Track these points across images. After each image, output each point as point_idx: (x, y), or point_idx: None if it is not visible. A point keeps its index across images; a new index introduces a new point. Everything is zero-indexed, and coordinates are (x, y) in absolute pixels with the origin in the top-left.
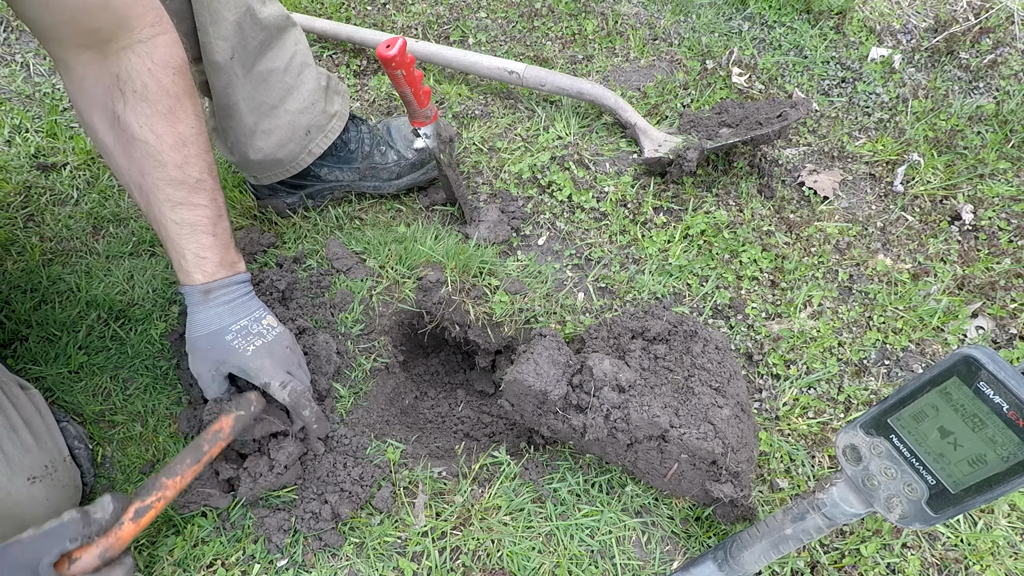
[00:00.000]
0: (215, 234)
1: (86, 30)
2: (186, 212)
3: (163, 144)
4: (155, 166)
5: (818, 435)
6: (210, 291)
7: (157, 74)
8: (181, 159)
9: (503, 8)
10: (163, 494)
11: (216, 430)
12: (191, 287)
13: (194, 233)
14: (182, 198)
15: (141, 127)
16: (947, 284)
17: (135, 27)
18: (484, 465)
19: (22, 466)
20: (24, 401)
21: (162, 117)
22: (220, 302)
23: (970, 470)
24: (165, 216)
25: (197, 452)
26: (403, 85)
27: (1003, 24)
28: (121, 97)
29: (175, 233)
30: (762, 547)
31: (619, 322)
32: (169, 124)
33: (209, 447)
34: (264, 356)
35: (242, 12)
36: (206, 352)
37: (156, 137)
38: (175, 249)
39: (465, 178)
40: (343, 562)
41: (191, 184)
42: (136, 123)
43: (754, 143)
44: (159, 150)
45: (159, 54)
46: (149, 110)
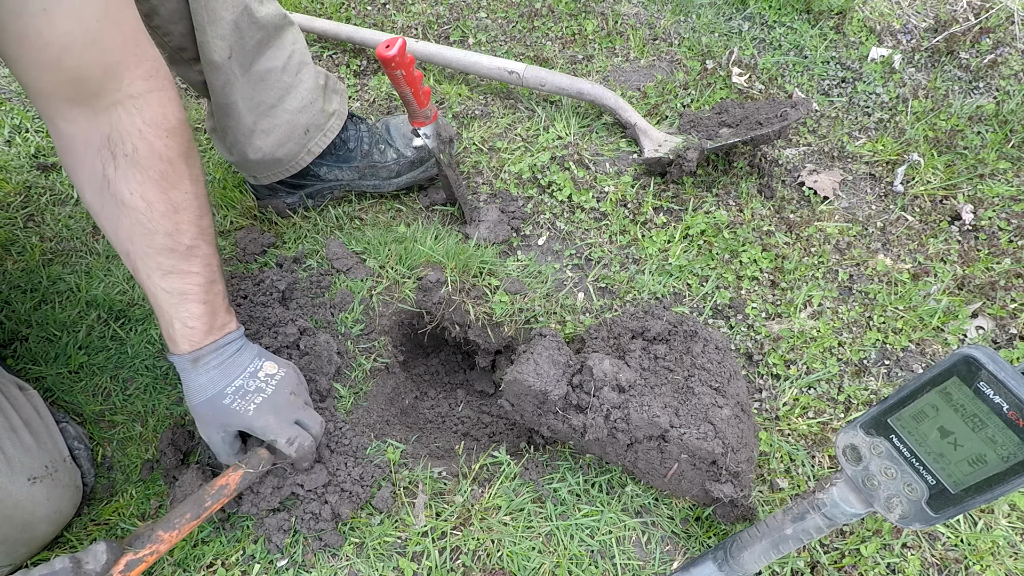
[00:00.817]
0: (206, 301)
1: (72, 77)
2: (176, 281)
3: (154, 212)
4: (144, 234)
5: (818, 435)
6: (198, 359)
7: (148, 136)
8: (173, 227)
9: (503, 8)
10: (157, 547)
11: (222, 484)
12: (179, 357)
13: (184, 302)
14: (172, 266)
15: (132, 194)
16: (947, 284)
17: (126, 77)
18: (484, 465)
19: (22, 467)
20: (23, 402)
21: (154, 184)
22: (210, 367)
23: (970, 470)
24: (155, 284)
25: (198, 507)
26: (403, 85)
27: (1003, 24)
28: (112, 160)
29: (164, 302)
30: (762, 547)
31: (619, 322)
32: (161, 191)
33: (212, 503)
34: (267, 413)
35: (239, 11)
36: (209, 417)
37: (147, 204)
38: (164, 317)
39: (465, 178)
40: (343, 562)
41: (182, 252)
42: (127, 189)
43: (754, 143)
44: (150, 218)
45: (151, 112)
46: (140, 176)
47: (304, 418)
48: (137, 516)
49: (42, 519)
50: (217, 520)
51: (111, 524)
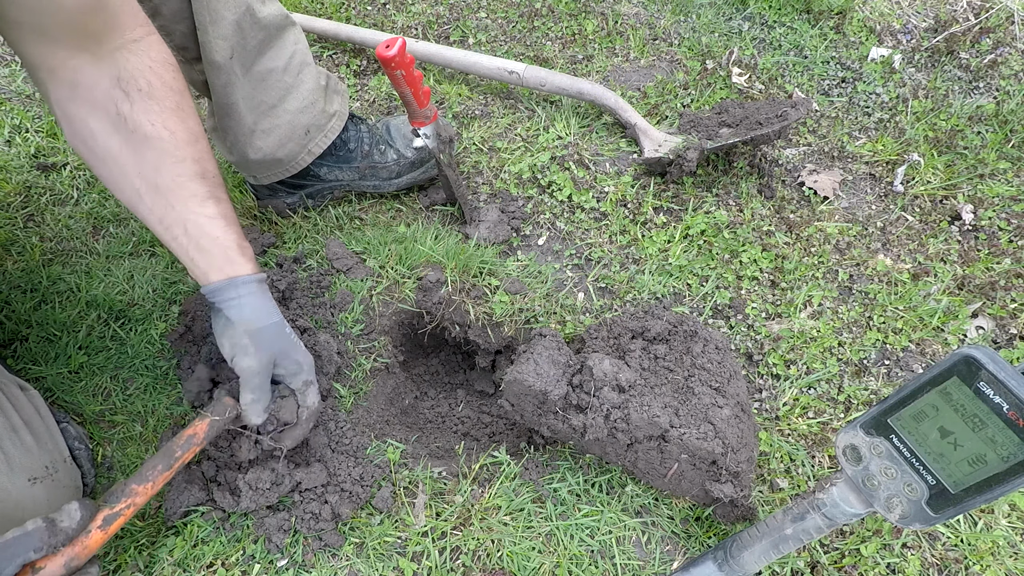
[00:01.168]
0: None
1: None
2: (215, 206)
3: (178, 139)
4: (175, 162)
5: (818, 435)
6: (263, 280)
7: (159, 71)
8: (198, 153)
9: (503, 8)
10: (133, 500)
11: (190, 435)
12: (247, 276)
13: (231, 224)
14: (208, 192)
15: (153, 124)
16: (947, 284)
17: (126, 26)
18: (484, 465)
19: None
20: (24, 402)
21: (172, 113)
22: (269, 295)
23: (970, 470)
24: (194, 212)
25: (169, 458)
26: (403, 85)
27: (1003, 24)
28: (126, 98)
29: (212, 227)
30: (762, 547)
31: (619, 322)
32: (180, 120)
33: (182, 453)
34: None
35: (241, 11)
36: (272, 342)
37: (170, 133)
38: (218, 243)
39: (465, 178)
40: (343, 562)
41: (211, 179)
42: (148, 121)
43: (754, 143)
44: (176, 145)
45: (155, 52)
46: (158, 107)
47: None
48: (138, 516)
49: None
50: (217, 520)
51: None
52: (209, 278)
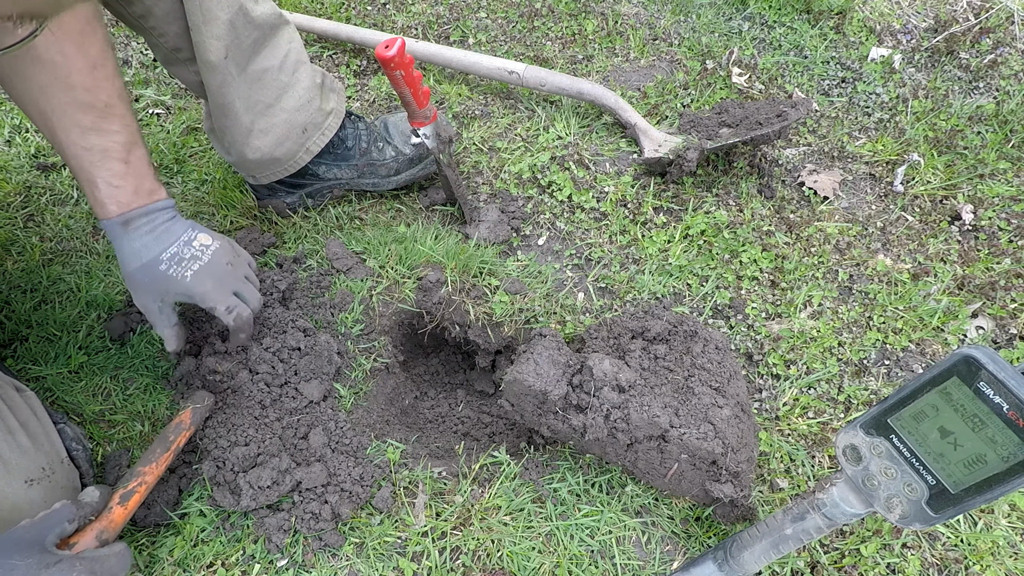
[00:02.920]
0: (128, 161)
1: None
2: (95, 138)
3: (72, 67)
4: (62, 89)
5: (818, 435)
6: (128, 222)
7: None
8: (91, 82)
9: (503, 8)
10: (144, 479)
11: (178, 422)
12: (108, 222)
13: (105, 160)
14: (91, 123)
15: (47, 48)
16: (947, 284)
17: None
18: (484, 465)
19: (19, 469)
20: (20, 403)
21: (71, 39)
22: (142, 232)
23: (970, 470)
24: (74, 143)
25: (165, 442)
26: (402, 86)
27: (1003, 24)
28: None
29: (86, 161)
30: (762, 547)
31: (619, 322)
32: (78, 46)
33: (175, 437)
34: (205, 280)
35: (235, 11)
36: (146, 284)
37: (64, 59)
38: (87, 179)
39: (465, 178)
40: (343, 562)
41: (100, 108)
42: (42, 43)
43: (754, 143)
44: (67, 73)
45: None
46: (58, 31)
47: (242, 290)
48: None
49: None
50: (217, 520)
51: None
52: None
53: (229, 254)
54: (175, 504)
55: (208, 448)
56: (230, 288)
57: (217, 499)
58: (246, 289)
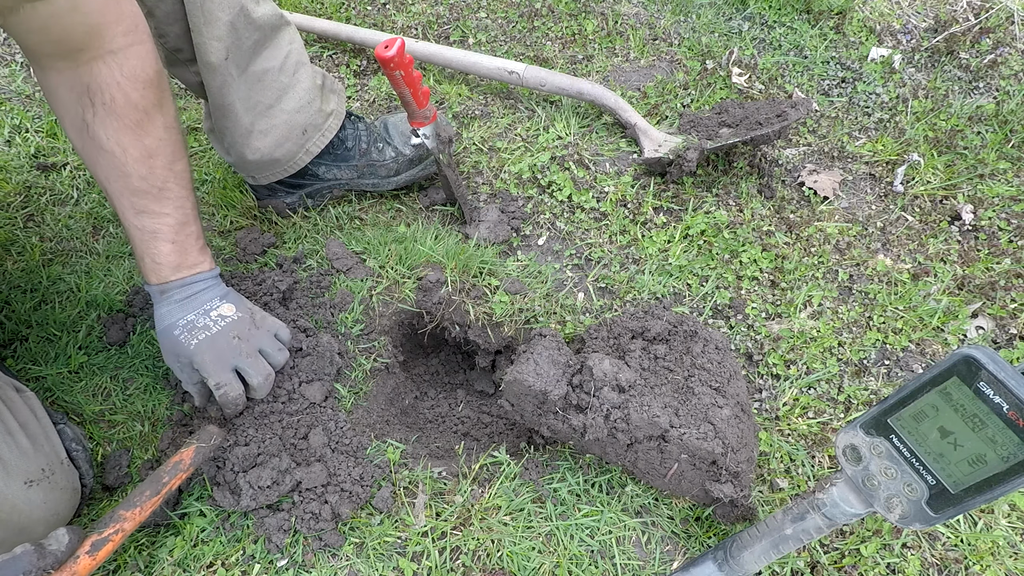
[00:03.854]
0: (175, 241)
1: (57, 38)
2: (147, 220)
3: (128, 157)
4: (119, 176)
5: (818, 435)
6: (164, 291)
7: (125, 88)
8: (146, 171)
9: (503, 8)
10: (121, 527)
11: (176, 461)
12: (149, 287)
13: (154, 240)
14: (144, 206)
15: (108, 139)
16: (947, 284)
17: (107, 36)
18: (484, 465)
19: (19, 470)
20: (20, 404)
21: (129, 131)
22: (173, 300)
23: (970, 470)
24: (129, 221)
25: (156, 484)
26: (402, 86)
27: (1003, 24)
28: (91, 107)
29: (136, 238)
30: (762, 547)
31: (619, 322)
32: (136, 137)
33: (169, 478)
34: (206, 351)
35: (236, 12)
36: (165, 347)
37: (122, 150)
38: (137, 251)
39: (465, 178)
40: (343, 562)
41: (154, 194)
42: (103, 135)
43: (754, 143)
44: (124, 162)
45: (130, 66)
46: (117, 123)
47: (246, 366)
48: None
49: (39, 522)
50: (217, 520)
51: None
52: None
53: (242, 328)
54: (175, 504)
55: None
56: (229, 363)
57: (217, 499)
58: (252, 364)
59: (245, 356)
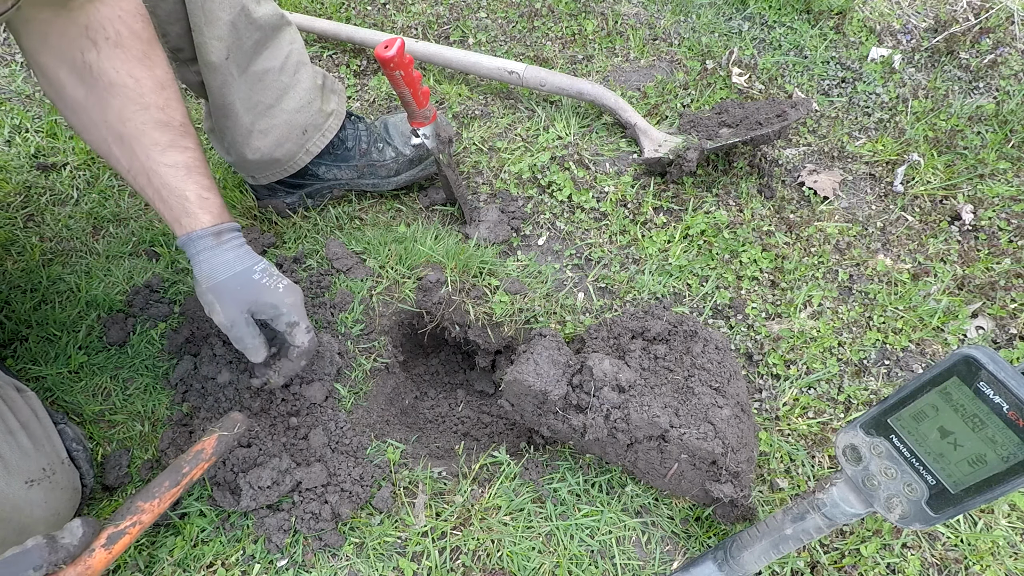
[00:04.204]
0: (209, 176)
1: None
2: (178, 154)
3: (143, 87)
4: (138, 110)
5: (818, 435)
6: (221, 232)
7: (128, 21)
8: (163, 101)
9: (503, 8)
10: (139, 518)
11: (198, 450)
12: (201, 231)
13: (192, 174)
14: (171, 140)
15: (118, 72)
16: (947, 284)
17: None
18: (484, 465)
19: (20, 470)
20: (21, 404)
21: (138, 62)
22: (234, 244)
23: (970, 470)
24: (155, 161)
25: (176, 474)
26: (401, 86)
27: (1003, 24)
28: (93, 47)
29: (171, 177)
30: (762, 547)
31: (619, 322)
32: (146, 68)
33: (190, 468)
34: (294, 294)
35: (237, 12)
36: (236, 293)
37: (135, 81)
38: (174, 193)
39: (465, 178)
40: (343, 562)
41: (176, 127)
42: (112, 69)
43: (754, 143)
44: (140, 93)
45: (124, 3)
46: (124, 55)
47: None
48: None
49: (39, 521)
50: (217, 520)
51: None
52: (175, 232)
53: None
54: (175, 504)
55: None
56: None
57: (217, 499)
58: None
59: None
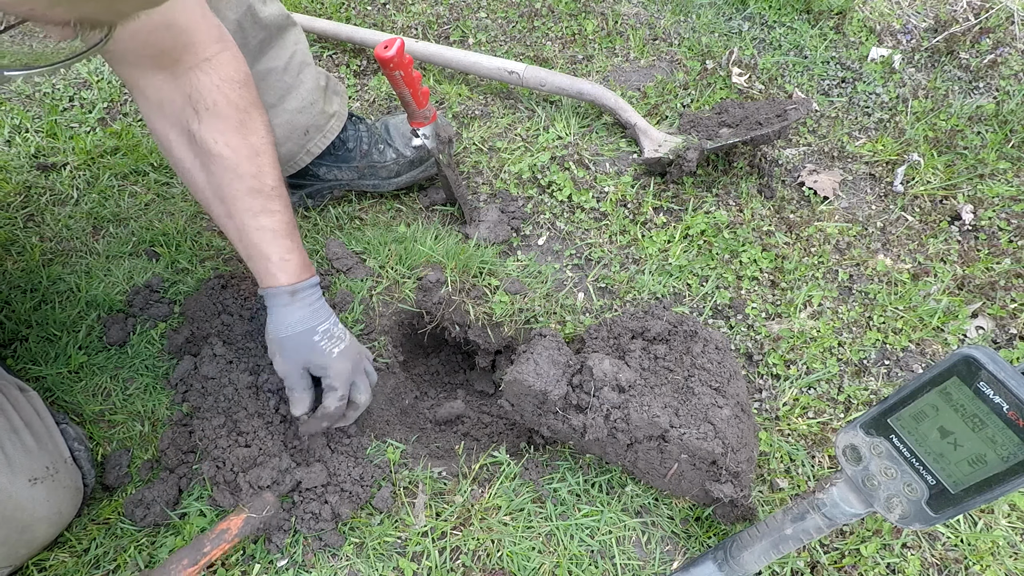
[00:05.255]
0: (293, 239)
1: (154, 52)
2: (266, 219)
3: (239, 156)
4: (233, 178)
5: (818, 435)
6: (296, 292)
7: (225, 89)
8: (256, 169)
9: (503, 8)
10: None
11: (222, 529)
12: (277, 288)
13: (276, 238)
14: (261, 206)
15: (216, 142)
16: (947, 284)
17: (199, 46)
18: (484, 465)
19: (23, 468)
20: (24, 403)
21: (234, 131)
22: (305, 304)
23: (970, 470)
24: (247, 225)
25: (196, 553)
26: (401, 86)
27: (1003, 24)
28: (195, 116)
29: (259, 239)
30: (762, 547)
31: (619, 322)
32: (242, 136)
33: (211, 548)
34: (345, 360)
35: (243, 11)
36: (295, 351)
37: (231, 151)
38: (260, 254)
39: (465, 178)
40: (343, 562)
41: (267, 192)
42: (211, 139)
43: (754, 143)
44: (236, 162)
45: (224, 70)
46: (222, 125)
47: (359, 382)
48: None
49: (42, 520)
50: (217, 519)
51: (111, 524)
52: (259, 284)
53: (358, 344)
54: (175, 504)
55: (208, 448)
56: (354, 375)
57: (217, 499)
58: (363, 382)
59: (361, 373)
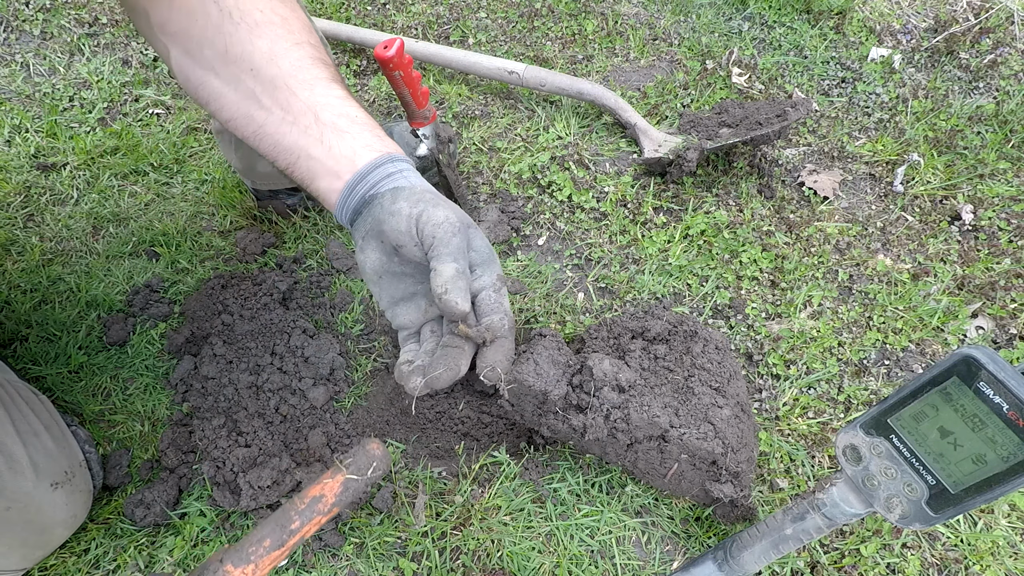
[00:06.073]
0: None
1: None
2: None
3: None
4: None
5: (818, 435)
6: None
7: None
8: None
9: (503, 8)
10: None
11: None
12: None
13: (363, 107)
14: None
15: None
16: (947, 284)
17: None
18: (484, 465)
19: (46, 472)
20: (40, 406)
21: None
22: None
23: (970, 470)
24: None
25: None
26: (401, 86)
27: (1003, 24)
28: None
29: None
30: (762, 547)
31: (619, 322)
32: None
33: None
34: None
35: None
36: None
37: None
38: (356, 122)
39: (465, 178)
40: (343, 562)
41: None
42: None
43: (754, 143)
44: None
45: None
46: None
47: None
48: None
49: (59, 524)
50: (217, 520)
51: (110, 524)
52: (359, 159)
53: None
54: (175, 504)
55: (208, 448)
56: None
57: (217, 499)
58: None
59: None
